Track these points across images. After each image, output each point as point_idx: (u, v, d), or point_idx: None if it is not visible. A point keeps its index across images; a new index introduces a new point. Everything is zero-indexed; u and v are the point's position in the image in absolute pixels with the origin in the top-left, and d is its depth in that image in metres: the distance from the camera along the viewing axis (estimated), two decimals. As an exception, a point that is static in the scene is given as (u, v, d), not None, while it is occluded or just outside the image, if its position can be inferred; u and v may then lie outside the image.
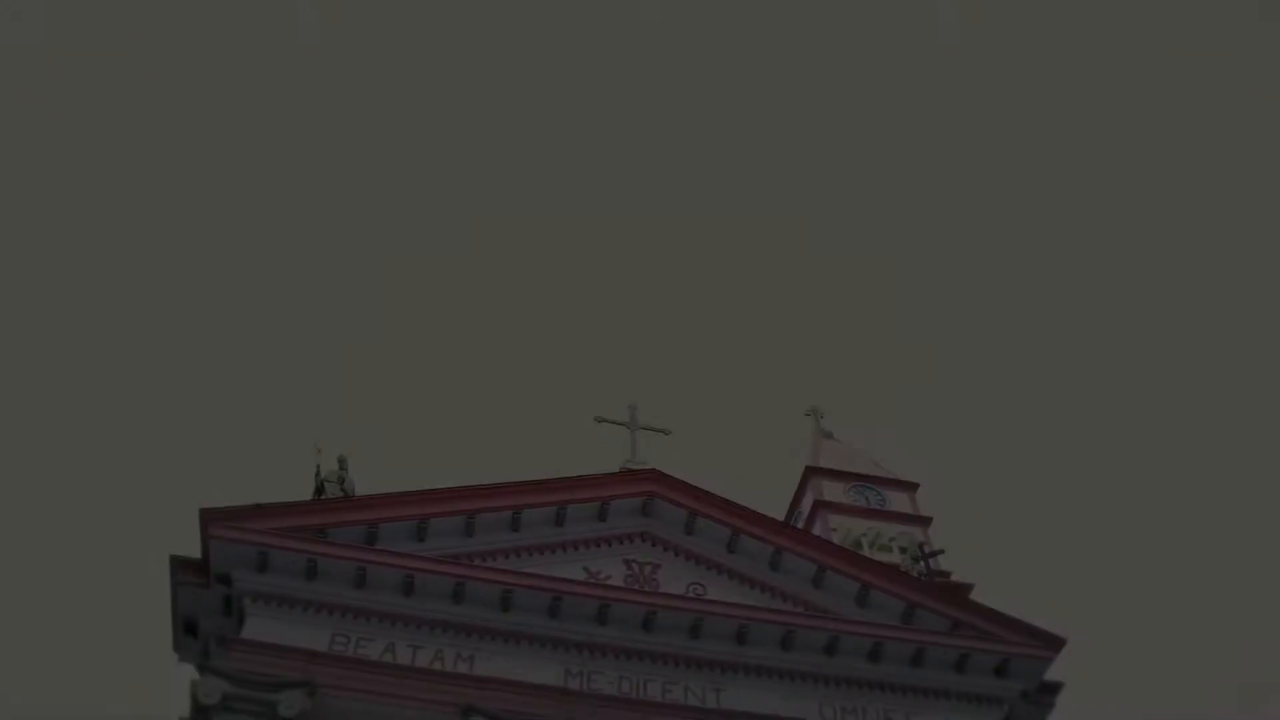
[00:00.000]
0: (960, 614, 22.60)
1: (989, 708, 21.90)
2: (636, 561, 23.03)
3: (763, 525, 23.41)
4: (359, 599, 20.27)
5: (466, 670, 20.02)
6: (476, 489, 22.07)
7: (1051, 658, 22.29)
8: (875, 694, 21.67)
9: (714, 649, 21.33)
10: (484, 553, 21.85)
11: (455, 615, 20.54)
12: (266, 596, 19.95)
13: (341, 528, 20.86)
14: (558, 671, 20.50)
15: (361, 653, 19.78)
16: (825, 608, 22.78)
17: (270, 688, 18.33)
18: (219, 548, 19.88)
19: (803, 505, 34.20)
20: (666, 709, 20.34)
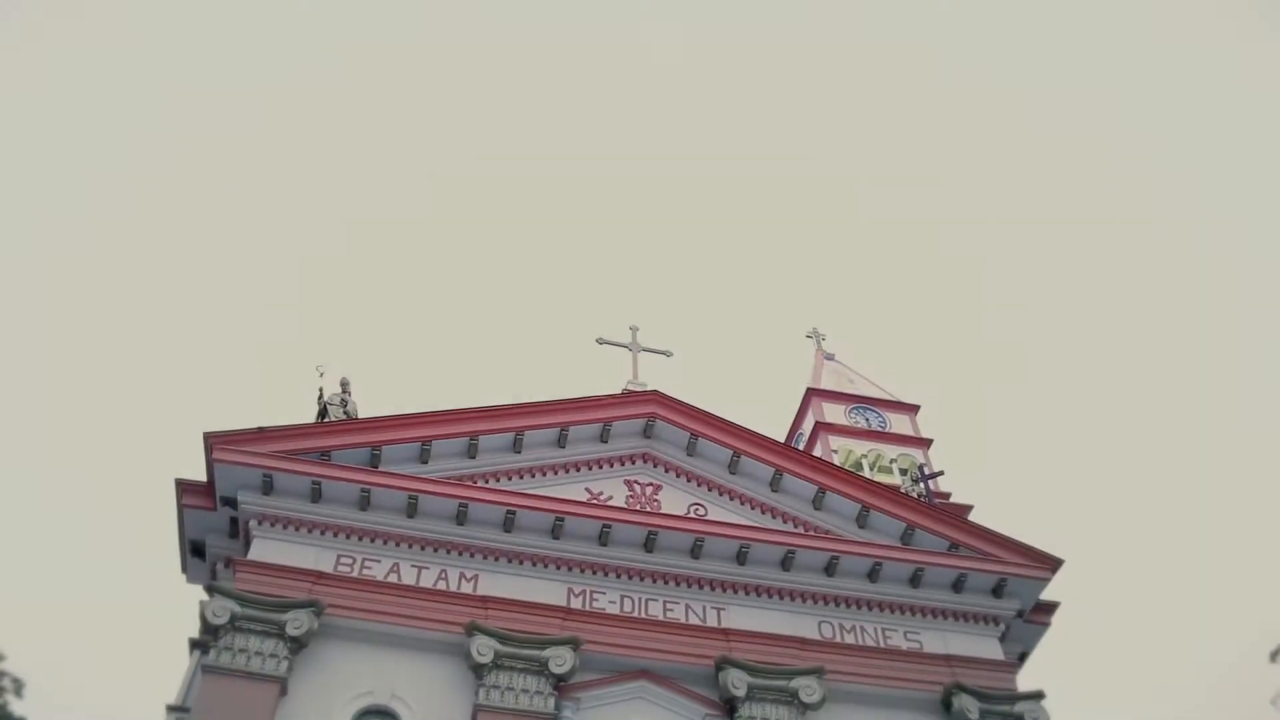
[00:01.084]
0: (958, 535, 22.79)
1: (986, 627, 22.20)
2: (638, 482, 23.16)
3: (763, 446, 23.48)
4: (363, 520, 20.45)
5: (470, 590, 20.26)
6: (479, 411, 22.11)
7: (1048, 578, 22.53)
8: (874, 613, 21.96)
9: (715, 569, 21.56)
10: (487, 474, 21.97)
11: (458, 536, 20.73)
12: (272, 519, 20.13)
13: (345, 450, 20.94)
14: (560, 591, 20.74)
15: (366, 573, 20.01)
16: (825, 528, 22.97)
17: (277, 608, 18.59)
18: (223, 471, 20.01)
19: (804, 427, 34.34)
20: (668, 628, 20.61)
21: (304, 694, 18.23)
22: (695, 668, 20.18)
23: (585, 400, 23.25)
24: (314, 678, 18.49)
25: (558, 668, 19.03)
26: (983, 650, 21.76)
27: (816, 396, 34.31)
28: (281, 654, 18.19)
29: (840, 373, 36.57)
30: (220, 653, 18.02)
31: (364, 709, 18.42)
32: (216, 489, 20.32)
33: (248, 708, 17.39)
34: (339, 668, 18.77)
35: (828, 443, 32.17)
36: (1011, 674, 21.60)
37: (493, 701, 18.53)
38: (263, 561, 19.53)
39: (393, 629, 19.34)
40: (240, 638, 18.23)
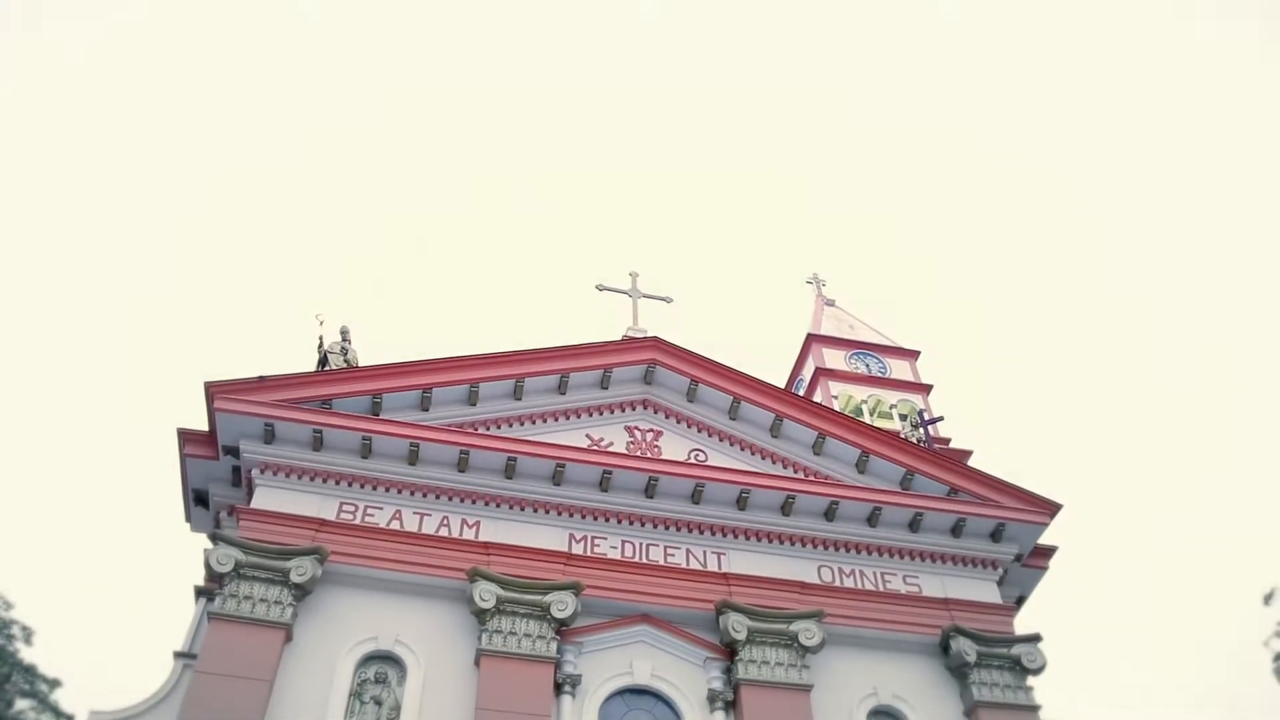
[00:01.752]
0: (958, 480, 22.89)
1: (984, 571, 22.37)
2: (638, 429, 23.22)
3: (763, 392, 23.51)
4: (365, 468, 20.53)
5: (472, 536, 20.39)
6: (479, 358, 22.11)
7: (1046, 523, 22.67)
8: (873, 557, 22.11)
9: (715, 514, 21.68)
10: (487, 421, 22.02)
11: (460, 483, 20.82)
12: (274, 467, 20.21)
13: (346, 398, 20.97)
14: (561, 536, 20.87)
15: (369, 520, 20.13)
16: (825, 473, 23.06)
17: (281, 555, 18.73)
18: (225, 420, 20.05)
19: (804, 372, 34.33)
20: (669, 572, 20.76)
21: (309, 640, 18.43)
22: (696, 612, 20.35)
23: (585, 347, 23.23)
24: (318, 624, 18.68)
25: (559, 612, 19.19)
26: (981, 594, 21.95)
27: (816, 342, 34.28)
28: (286, 601, 18.35)
29: (840, 318, 36.51)
30: (225, 600, 18.19)
31: (368, 654, 18.61)
32: (218, 438, 20.39)
33: (253, 654, 17.57)
34: (343, 614, 18.95)
35: (828, 388, 32.18)
36: (1009, 617, 21.79)
37: (495, 646, 18.70)
38: (266, 510, 19.64)
39: (396, 575, 19.50)
40: (245, 585, 18.39)
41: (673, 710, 19.38)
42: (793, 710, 19.11)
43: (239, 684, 17.12)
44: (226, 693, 16.95)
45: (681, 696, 19.45)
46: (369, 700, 18.09)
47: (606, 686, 19.26)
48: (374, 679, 18.36)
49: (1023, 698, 20.38)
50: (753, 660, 19.66)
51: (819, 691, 19.77)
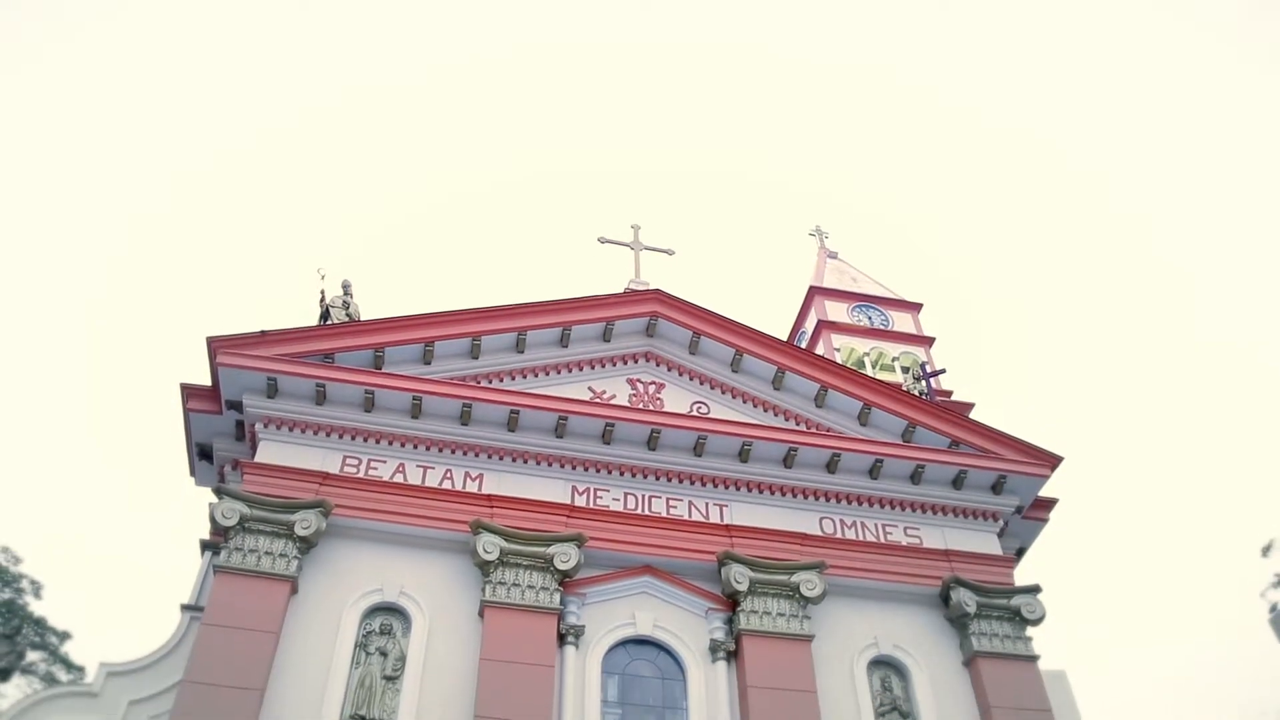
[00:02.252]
0: (959, 432, 22.92)
1: (985, 523, 22.47)
2: (640, 381, 23.24)
3: (766, 345, 23.49)
4: (368, 422, 20.58)
5: (475, 489, 20.48)
6: (481, 311, 22.08)
7: (1046, 475, 22.73)
8: (874, 509, 22.21)
9: (717, 466, 21.75)
10: (490, 374, 22.04)
11: (463, 436, 20.88)
12: (277, 421, 20.26)
13: (348, 352, 20.98)
14: (564, 489, 20.96)
15: (373, 474, 20.21)
16: (827, 426, 23.11)
17: (285, 509, 18.82)
18: (228, 375, 20.08)
19: (806, 325, 34.35)
20: (671, 524, 20.87)
21: (314, 592, 18.58)
22: (698, 563, 20.48)
23: (587, 299, 23.19)
24: (323, 577, 18.83)
25: (563, 564, 19.31)
26: (981, 545, 22.06)
27: (819, 295, 34.24)
28: (291, 554, 18.48)
29: (843, 271, 36.45)
30: (231, 553, 18.31)
31: (373, 606, 18.77)
32: (221, 393, 20.43)
33: (259, 606, 17.72)
34: (348, 567, 19.08)
35: (830, 341, 32.20)
36: (1009, 569, 21.91)
37: (499, 597, 18.84)
38: (270, 464, 19.71)
39: (400, 528, 19.61)
40: (250, 538, 18.51)
41: (675, 660, 19.55)
42: (794, 660, 19.28)
43: (245, 636, 17.28)
44: (233, 645, 17.12)
45: (683, 647, 19.62)
46: (374, 651, 18.25)
47: (609, 637, 19.43)
48: (379, 630, 18.51)
49: (1022, 648, 20.54)
50: (754, 611, 19.80)
51: (820, 642, 19.94)
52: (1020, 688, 19.95)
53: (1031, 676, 20.22)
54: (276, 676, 17.26)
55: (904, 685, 20.19)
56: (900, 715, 19.70)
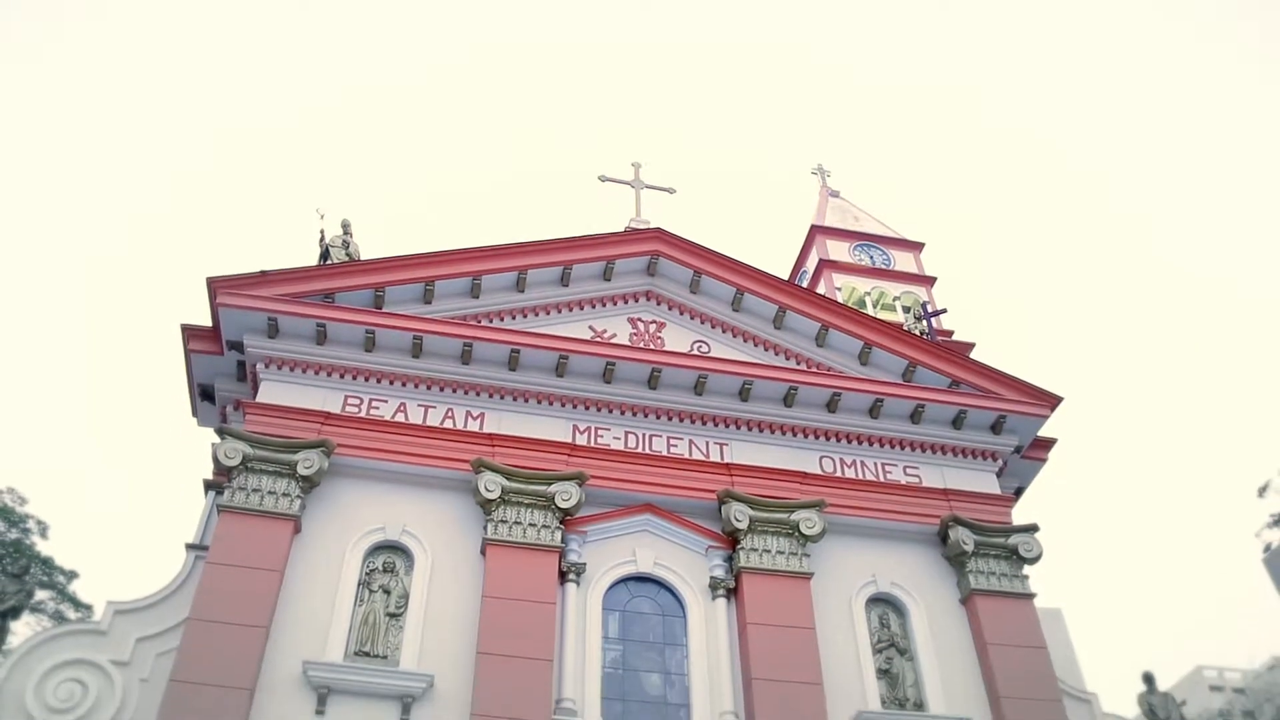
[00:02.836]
0: (959, 372, 22.94)
1: (984, 462, 22.57)
2: (641, 320, 23.22)
3: (767, 284, 23.43)
4: (369, 361, 20.61)
5: (477, 428, 20.55)
6: (482, 250, 22.01)
7: (1046, 415, 22.79)
8: (874, 449, 22.30)
9: (718, 405, 21.81)
10: (490, 314, 22.02)
11: (464, 375, 20.91)
12: (279, 361, 20.29)
13: (348, 292, 20.94)
14: (565, 428, 21.04)
15: (374, 413, 20.27)
16: (827, 365, 23.13)
17: (288, 448, 18.91)
18: (228, 315, 20.07)
19: (807, 264, 34.29)
20: (672, 463, 20.97)
21: (317, 531, 18.73)
22: (699, 501, 20.61)
23: (588, 238, 23.09)
24: (327, 516, 18.97)
25: (564, 502, 19.43)
26: (980, 485, 22.17)
27: (821, 234, 34.12)
28: (294, 493, 18.60)
29: (845, 210, 36.28)
30: (234, 493, 18.43)
31: (376, 544, 18.93)
32: (222, 333, 20.44)
33: (263, 545, 17.87)
34: (351, 505, 19.21)
35: (831, 280, 32.14)
36: (1007, 508, 22.03)
37: (501, 535, 18.99)
38: (271, 404, 19.77)
39: (402, 467, 19.71)
40: (253, 478, 18.62)
41: (675, 597, 19.75)
42: (793, 597, 19.46)
43: (250, 574, 17.45)
44: (238, 583, 17.29)
45: (684, 584, 19.80)
46: (377, 589, 18.43)
47: (610, 574, 19.61)
48: (382, 568, 18.68)
49: (1018, 586, 20.72)
50: (754, 549, 19.95)
51: (819, 579, 20.11)
52: (1016, 625, 20.15)
53: (1028, 614, 20.40)
54: (281, 614, 17.45)
55: (901, 622, 20.41)
56: (897, 652, 19.94)
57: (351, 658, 17.48)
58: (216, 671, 16.24)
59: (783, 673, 18.40)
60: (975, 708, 19.26)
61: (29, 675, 16.41)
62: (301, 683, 16.86)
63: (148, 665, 16.94)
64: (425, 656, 17.63)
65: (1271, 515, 32.75)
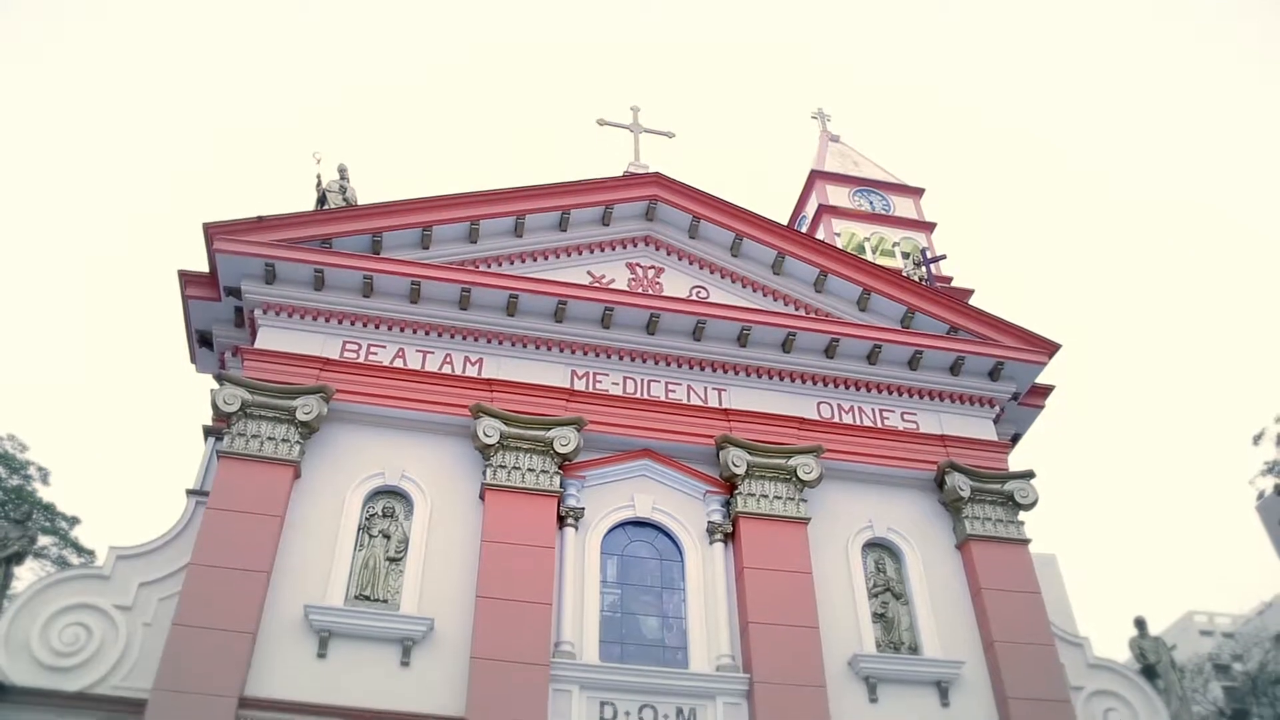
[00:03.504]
0: (958, 319, 22.92)
1: (981, 409, 22.62)
2: (640, 265, 23.16)
3: (766, 229, 23.33)
4: (367, 307, 20.57)
5: (475, 374, 20.56)
6: (480, 195, 21.88)
7: (1044, 362, 22.80)
8: (872, 394, 22.34)
9: (716, 350, 21.81)
10: (489, 259, 21.95)
11: (462, 320, 20.89)
12: (276, 307, 20.25)
13: (346, 237, 20.85)
14: (564, 373, 21.05)
15: (372, 359, 20.27)
16: (826, 311, 23.11)
17: (287, 394, 18.93)
18: (225, 261, 20.00)
19: (807, 209, 34.15)
20: (670, 408, 21.01)
21: (317, 477, 18.80)
22: (697, 446, 20.68)
23: (586, 183, 22.96)
24: (326, 461, 19.03)
25: (562, 447, 19.50)
26: (977, 431, 22.23)
27: (820, 179, 33.93)
28: (293, 439, 18.65)
29: (845, 154, 36.06)
30: (234, 439, 18.47)
31: (375, 489, 19.01)
32: (220, 279, 20.38)
33: (263, 491, 17.94)
34: (350, 451, 19.27)
35: (831, 225, 32.02)
36: (1004, 454, 22.10)
37: (500, 480, 19.07)
38: (270, 350, 19.75)
39: (400, 413, 19.75)
40: (252, 424, 18.66)
41: (673, 542, 19.88)
42: (790, 542, 19.60)
43: (250, 520, 17.54)
44: (238, 528, 17.39)
45: (681, 528, 19.93)
46: (377, 534, 18.55)
47: (608, 519, 19.73)
48: (381, 513, 18.78)
49: (1014, 532, 20.86)
50: (751, 494, 20.06)
51: (816, 524, 20.24)
52: (1011, 570, 20.32)
53: (1022, 560, 20.56)
54: (282, 559, 17.57)
55: (897, 567, 20.57)
56: (893, 596, 20.12)
57: (352, 602, 17.61)
58: (219, 616, 16.38)
59: (779, 617, 18.58)
60: (969, 651, 19.47)
61: (34, 620, 16.56)
62: (303, 626, 17.01)
63: (151, 609, 17.09)
64: (425, 600, 17.77)
65: (1266, 463, 32.90)
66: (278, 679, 16.42)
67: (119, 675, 16.34)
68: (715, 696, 17.96)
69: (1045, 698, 18.76)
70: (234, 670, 16.00)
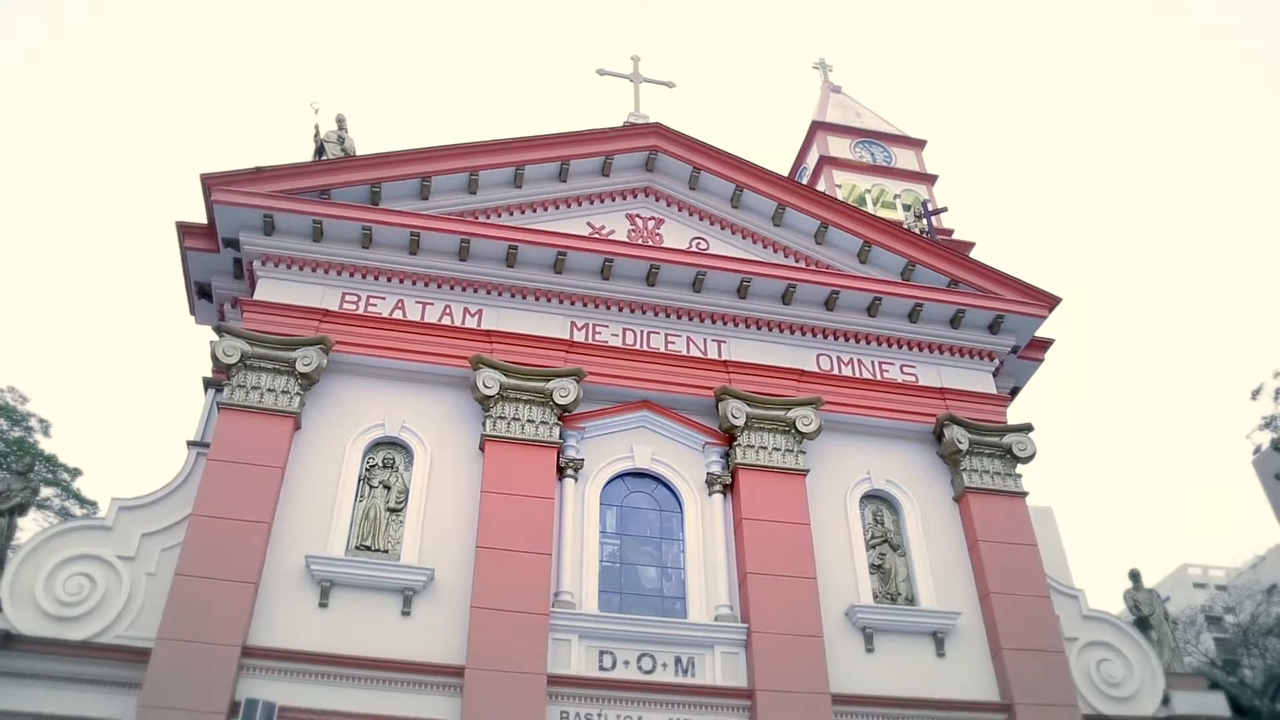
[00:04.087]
0: (958, 271, 22.87)
1: (981, 362, 22.64)
2: (640, 216, 23.07)
3: (766, 180, 23.21)
4: (366, 258, 20.51)
5: (475, 325, 20.54)
6: (479, 145, 21.73)
7: (1044, 316, 22.78)
8: (872, 347, 22.36)
9: (716, 302, 21.79)
10: (488, 210, 21.86)
11: (461, 272, 20.83)
12: (275, 258, 20.19)
13: (344, 188, 20.74)
14: (563, 324, 21.03)
15: (372, 310, 20.24)
16: (826, 263, 23.05)
17: (286, 345, 18.94)
18: (223, 212, 19.91)
19: (808, 161, 33.96)
20: (669, 359, 21.02)
21: (317, 428, 18.85)
22: (696, 398, 20.72)
23: (586, 133, 22.80)
24: (326, 412, 19.07)
25: (562, 398, 19.53)
26: (976, 384, 22.28)
27: (822, 130, 33.71)
28: (293, 390, 18.68)
29: (847, 105, 35.80)
30: (234, 390, 18.50)
31: (376, 441, 19.06)
32: (218, 231, 20.30)
33: (264, 442, 18.00)
34: (350, 402, 19.31)
35: (832, 177, 31.86)
36: (1002, 407, 22.15)
37: (499, 431, 19.12)
38: (269, 301, 19.72)
39: (400, 364, 19.76)
40: (252, 375, 18.68)
41: (672, 493, 19.98)
42: (788, 494, 19.70)
43: (251, 471, 17.61)
44: (239, 479, 17.46)
45: (680, 480, 20.02)
46: (377, 485, 18.63)
47: (608, 470, 19.81)
48: (382, 464, 18.86)
49: (1011, 484, 20.97)
50: (750, 445, 20.12)
51: (814, 476, 20.32)
52: (1007, 522, 20.45)
53: (1019, 512, 20.70)
54: (283, 510, 17.66)
55: (895, 519, 20.70)
56: (890, 547, 20.26)
57: (353, 552, 17.73)
58: (221, 566, 16.49)
59: (777, 567, 18.71)
60: (965, 603, 19.64)
61: (38, 570, 16.67)
62: (305, 576, 17.14)
63: (153, 560, 17.20)
64: (425, 550, 17.89)
65: (1263, 418, 33.01)
66: (280, 628, 16.57)
67: (123, 625, 16.49)
68: (713, 646, 18.14)
69: (1039, 648, 18.96)
70: (237, 620, 16.13)
